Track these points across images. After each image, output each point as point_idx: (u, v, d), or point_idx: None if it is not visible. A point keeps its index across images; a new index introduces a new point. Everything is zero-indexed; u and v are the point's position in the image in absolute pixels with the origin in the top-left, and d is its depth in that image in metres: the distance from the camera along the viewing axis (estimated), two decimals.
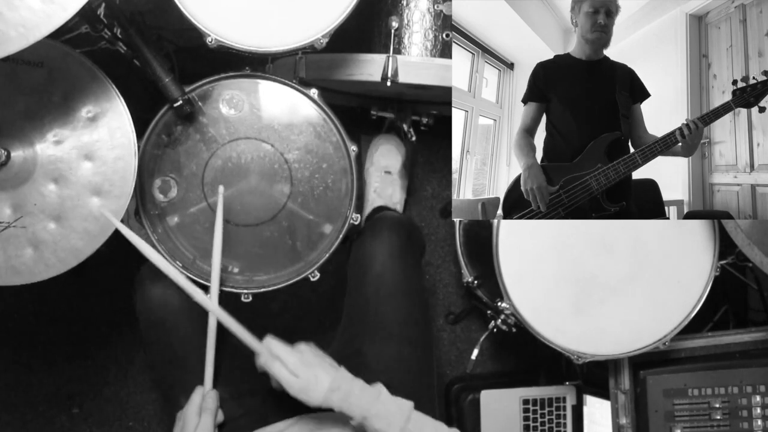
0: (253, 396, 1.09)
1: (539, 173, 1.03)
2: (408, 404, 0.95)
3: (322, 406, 0.94)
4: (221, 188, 1.05)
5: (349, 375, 0.97)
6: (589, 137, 1.05)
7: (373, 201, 1.57)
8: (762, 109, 1.04)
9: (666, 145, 1.02)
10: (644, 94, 1.09)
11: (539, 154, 1.08)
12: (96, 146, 0.95)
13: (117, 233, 0.96)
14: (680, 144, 1.03)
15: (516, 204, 1.05)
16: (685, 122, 1.02)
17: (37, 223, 0.95)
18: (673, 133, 1.03)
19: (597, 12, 1.05)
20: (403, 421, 0.92)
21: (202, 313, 1.02)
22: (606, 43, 1.07)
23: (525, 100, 1.11)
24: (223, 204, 1.04)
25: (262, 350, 0.96)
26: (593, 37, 1.06)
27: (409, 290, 1.12)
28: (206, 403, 0.98)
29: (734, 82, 1.03)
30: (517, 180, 1.06)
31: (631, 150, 1.07)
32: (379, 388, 0.96)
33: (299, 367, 0.94)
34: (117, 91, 0.96)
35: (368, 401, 0.93)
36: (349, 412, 0.93)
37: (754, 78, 1.02)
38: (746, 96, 1.02)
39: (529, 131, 1.09)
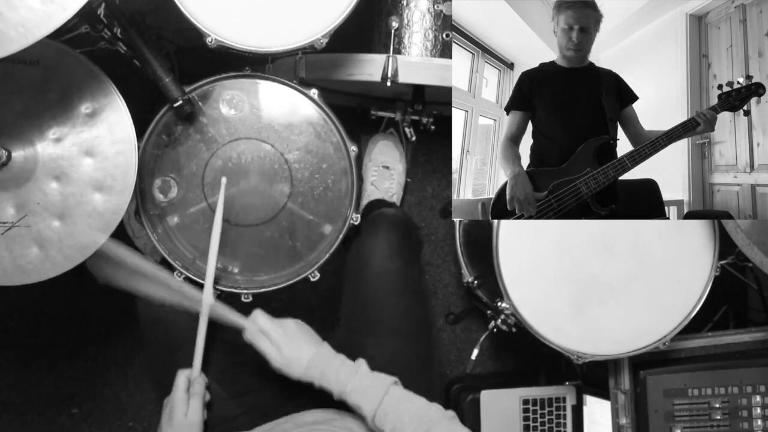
0: (252, 395, 1.09)
1: (526, 182, 1.03)
2: (388, 379, 0.97)
3: (302, 379, 0.97)
4: (224, 179, 1.05)
5: (331, 351, 0.99)
6: (577, 142, 1.05)
7: (370, 193, 1.57)
8: (747, 113, 1.06)
9: (654, 148, 1.03)
10: (632, 97, 1.10)
11: (525, 161, 1.08)
12: (96, 142, 0.95)
13: (117, 231, 0.96)
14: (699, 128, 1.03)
15: (504, 212, 1.05)
16: (698, 112, 1.04)
17: (41, 221, 0.95)
18: (665, 135, 1.03)
19: (571, 29, 1.04)
20: (381, 395, 0.93)
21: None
22: (582, 59, 1.07)
23: (509, 109, 1.10)
24: (224, 194, 1.04)
25: (249, 325, 0.99)
26: (569, 55, 1.07)
27: (408, 287, 1.13)
28: (194, 388, 0.99)
29: (720, 86, 1.04)
30: (503, 189, 1.05)
31: (622, 152, 1.06)
32: (360, 364, 0.98)
33: (283, 342, 0.97)
34: (114, 86, 0.96)
35: (345, 377, 0.95)
36: (327, 388, 0.96)
37: (738, 82, 1.03)
38: (731, 100, 1.03)
39: (513, 140, 1.09)
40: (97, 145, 0.95)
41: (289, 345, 0.97)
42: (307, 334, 1.01)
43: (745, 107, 1.04)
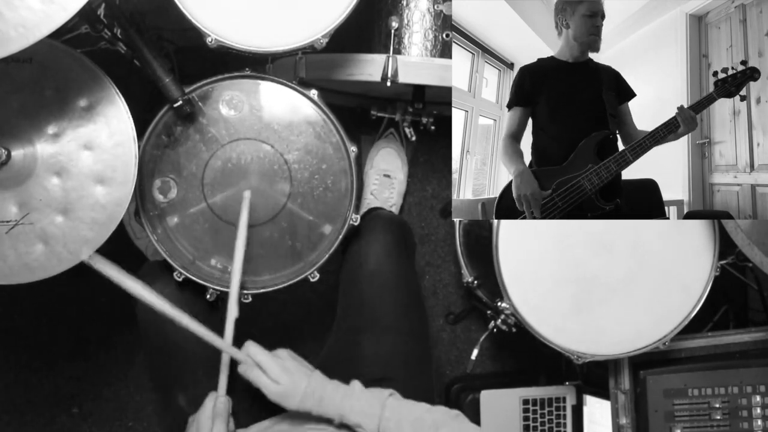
0: (244, 393, 1.09)
1: (531, 179, 1.03)
2: (384, 393, 0.96)
3: (299, 409, 0.96)
4: (247, 193, 1.05)
5: (323, 379, 0.99)
6: (578, 138, 1.04)
7: (369, 202, 1.58)
8: (743, 98, 1.07)
9: (655, 139, 1.03)
10: (630, 94, 1.10)
11: (527, 159, 1.08)
12: (94, 135, 0.95)
13: (118, 231, 0.96)
14: (680, 129, 1.04)
15: (508, 211, 1.05)
16: (678, 110, 1.03)
17: (45, 217, 0.94)
18: (663, 126, 1.03)
19: (594, 16, 1.05)
20: (379, 410, 0.93)
21: (200, 313, 1.02)
22: (599, 45, 1.08)
23: (510, 105, 1.10)
24: (248, 209, 1.05)
25: (244, 358, 0.99)
26: (590, 40, 1.06)
27: (404, 285, 1.14)
28: (218, 409, 0.99)
29: (715, 74, 1.05)
30: (508, 188, 1.05)
31: (621, 148, 1.07)
32: (354, 385, 0.98)
33: (279, 374, 0.96)
34: (110, 79, 0.96)
35: (341, 400, 0.95)
36: (325, 415, 0.95)
37: (733, 68, 1.04)
38: (727, 86, 1.03)
39: (515, 137, 1.08)
40: (95, 139, 0.95)
41: (286, 378, 0.96)
42: (300, 364, 1.00)
43: (741, 92, 1.04)
